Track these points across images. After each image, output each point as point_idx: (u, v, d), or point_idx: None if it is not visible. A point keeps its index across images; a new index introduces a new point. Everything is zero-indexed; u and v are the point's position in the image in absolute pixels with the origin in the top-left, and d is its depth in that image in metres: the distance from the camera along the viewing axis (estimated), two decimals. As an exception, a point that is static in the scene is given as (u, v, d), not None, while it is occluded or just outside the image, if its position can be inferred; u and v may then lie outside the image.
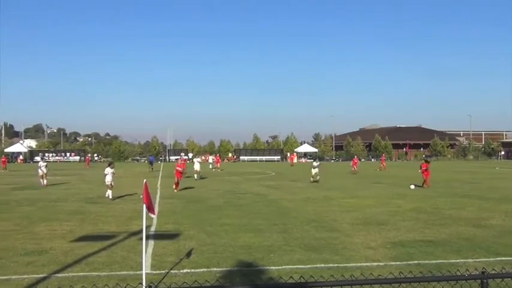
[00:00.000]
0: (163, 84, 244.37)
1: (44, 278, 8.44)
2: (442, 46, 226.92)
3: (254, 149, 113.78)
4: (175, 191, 25.73)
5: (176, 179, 26.98)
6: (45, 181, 30.64)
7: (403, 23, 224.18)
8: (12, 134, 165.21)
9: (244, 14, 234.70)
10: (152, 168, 52.37)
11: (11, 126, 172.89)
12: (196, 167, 37.20)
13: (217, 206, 19.65)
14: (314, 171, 33.03)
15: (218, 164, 56.23)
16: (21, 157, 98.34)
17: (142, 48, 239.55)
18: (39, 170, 30.97)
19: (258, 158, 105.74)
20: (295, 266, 9.27)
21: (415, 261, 9.69)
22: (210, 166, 55.00)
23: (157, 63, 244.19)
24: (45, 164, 31.85)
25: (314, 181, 32.20)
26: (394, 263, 9.60)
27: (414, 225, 14.26)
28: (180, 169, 27.54)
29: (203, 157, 79.42)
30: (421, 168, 29.32)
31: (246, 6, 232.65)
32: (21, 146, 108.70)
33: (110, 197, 21.78)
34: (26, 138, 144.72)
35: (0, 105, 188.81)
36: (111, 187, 22.35)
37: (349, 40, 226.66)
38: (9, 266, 9.30)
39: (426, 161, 30.44)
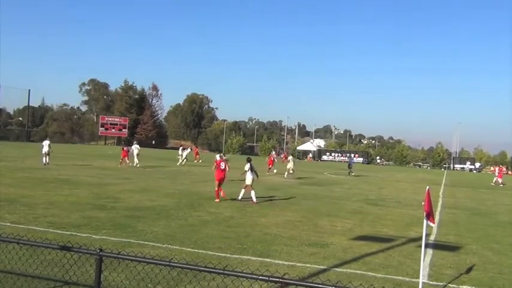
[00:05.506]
0: (453, 85, 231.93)
1: (323, 270, 8.92)
2: None
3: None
4: None
5: None
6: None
7: None
8: (304, 134, 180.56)
9: None
10: (349, 173, 43.50)
11: (304, 126, 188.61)
12: (290, 165, 34.61)
13: (506, 221, 17.91)
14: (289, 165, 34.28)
15: None
16: (310, 155, 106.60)
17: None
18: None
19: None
20: None
21: None
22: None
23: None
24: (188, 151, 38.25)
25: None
26: None
27: None
28: None
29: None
30: None
31: None
32: (311, 145, 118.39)
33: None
34: (315, 137, 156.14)
35: (295, 107, 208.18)
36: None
37: None
38: (294, 254, 10.13)
39: None
